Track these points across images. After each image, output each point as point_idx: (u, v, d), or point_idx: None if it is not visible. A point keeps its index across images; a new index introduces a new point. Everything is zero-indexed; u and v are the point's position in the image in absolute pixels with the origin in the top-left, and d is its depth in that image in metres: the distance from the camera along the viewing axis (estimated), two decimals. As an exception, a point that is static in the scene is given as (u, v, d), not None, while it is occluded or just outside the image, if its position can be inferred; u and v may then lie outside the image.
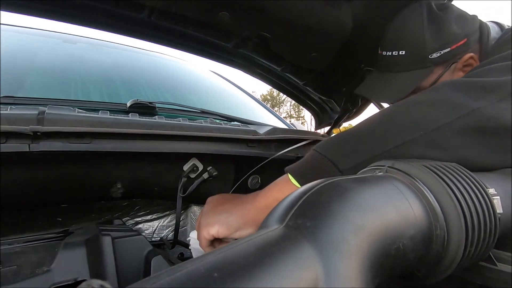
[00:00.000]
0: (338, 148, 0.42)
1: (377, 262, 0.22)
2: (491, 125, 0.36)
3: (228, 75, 1.63)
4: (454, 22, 0.63)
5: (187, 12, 0.72)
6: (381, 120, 0.42)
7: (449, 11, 0.64)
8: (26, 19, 0.74)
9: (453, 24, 0.62)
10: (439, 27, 0.62)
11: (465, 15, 0.65)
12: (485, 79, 0.40)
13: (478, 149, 0.37)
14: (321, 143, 0.45)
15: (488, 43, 0.62)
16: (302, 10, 0.74)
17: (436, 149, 0.36)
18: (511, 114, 0.36)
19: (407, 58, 0.65)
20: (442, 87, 0.41)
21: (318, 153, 0.43)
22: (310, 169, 0.43)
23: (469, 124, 0.36)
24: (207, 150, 0.64)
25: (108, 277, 0.45)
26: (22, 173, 0.53)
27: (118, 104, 0.79)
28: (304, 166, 0.44)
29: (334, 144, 0.43)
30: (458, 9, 0.66)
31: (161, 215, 0.76)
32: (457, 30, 0.62)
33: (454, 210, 0.27)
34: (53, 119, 0.48)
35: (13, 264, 0.43)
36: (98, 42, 1.27)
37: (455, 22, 0.63)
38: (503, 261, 0.34)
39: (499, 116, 0.36)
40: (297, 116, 32.03)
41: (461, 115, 0.36)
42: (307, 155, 0.45)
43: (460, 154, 0.37)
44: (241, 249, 0.18)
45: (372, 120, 0.43)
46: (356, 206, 0.23)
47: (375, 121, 0.42)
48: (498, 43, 0.61)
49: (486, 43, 0.62)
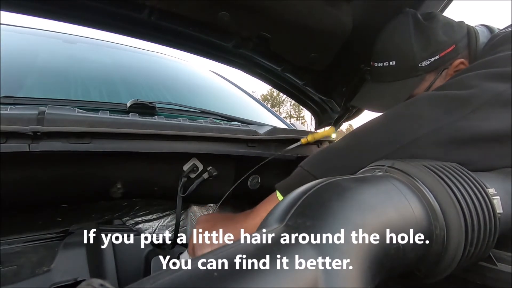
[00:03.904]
0: (322, 165, 0.46)
1: (377, 261, 0.22)
2: (465, 136, 0.39)
3: (228, 75, 1.63)
4: (440, 30, 0.64)
5: (187, 12, 0.72)
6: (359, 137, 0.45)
7: (434, 20, 0.66)
8: (26, 19, 0.74)
9: (440, 32, 0.64)
10: (426, 36, 0.64)
11: (451, 23, 0.66)
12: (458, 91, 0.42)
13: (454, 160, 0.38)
14: (307, 160, 0.49)
15: (477, 48, 0.64)
16: (302, 10, 0.74)
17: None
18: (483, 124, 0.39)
19: (398, 67, 0.67)
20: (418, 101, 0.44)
21: (304, 170, 0.46)
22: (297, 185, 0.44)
23: (444, 136, 0.39)
24: (207, 150, 0.64)
25: (108, 277, 0.45)
26: (22, 173, 0.53)
27: (118, 104, 0.79)
28: (291, 182, 0.47)
29: (318, 160, 0.47)
30: (444, 17, 0.68)
31: (161, 215, 0.76)
32: (444, 38, 0.64)
33: (454, 210, 0.27)
34: (53, 119, 0.48)
35: (13, 264, 0.43)
36: (98, 42, 1.26)
37: (441, 30, 0.64)
38: (503, 261, 0.34)
39: (472, 127, 0.39)
40: (297, 116, 32.03)
41: (435, 127, 0.39)
42: (294, 171, 0.49)
43: None
44: (241, 248, 0.18)
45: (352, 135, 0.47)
46: (356, 205, 0.23)
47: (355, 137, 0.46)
48: (485, 48, 0.62)
49: (474, 48, 0.64)
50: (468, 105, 0.40)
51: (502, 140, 0.40)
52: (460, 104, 0.40)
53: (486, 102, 0.40)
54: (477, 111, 0.39)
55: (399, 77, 0.68)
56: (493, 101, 0.40)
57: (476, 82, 0.42)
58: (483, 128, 0.38)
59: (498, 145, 0.40)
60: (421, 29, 0.65)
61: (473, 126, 0.39)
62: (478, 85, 0.41)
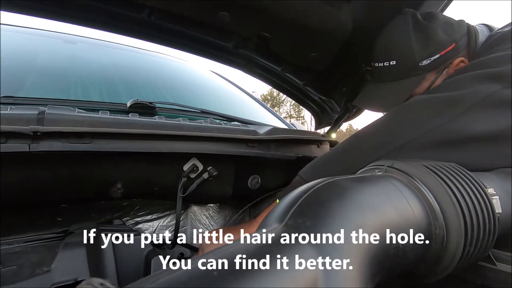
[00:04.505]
0: (317, 173, 0.49)
1: (377, 261, 0.22)
2: (456, 138, 0.40)
3: (228, 75, 1.63)
4: (440, 29, 0.65)
5: (187, 12, 0.72)
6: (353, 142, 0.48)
7: (434, 19, 0.66)
8: (26, 19, 0.74)
9: (440, 31, 0.64)
10: (426, 35, 0.64)
11: (451, 21, 0.67)
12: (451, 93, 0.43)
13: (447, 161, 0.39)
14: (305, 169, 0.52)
15: (477, 46, 0.64)
16: (302, 10, 0.74)
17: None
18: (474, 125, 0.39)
19: (399, 67, 0.67)
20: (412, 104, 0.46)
21: (301, 178, 0.50)
22: None
23: (436, 138, 0.40)
24: (207, 150, 0.64)
25: (108, 277, 0.45)
26: (22, 173, 0.53)
27: (118, 104, 0.79)
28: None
29: (313, 169, 0.51)
30: (443, 16, 0.68)
31: (161, 215, 0.76)
32: (444, 37, 0.64)
33: (453, 210, 0.27)
34: (53, 119, 0.48)
35: (13, 264, 0.43)
36: (98, 42, 1.26)
37: (441, 29, 0.65)
38: (502, 261, 0.34)
39: (463, 128, 0.39)
40: (297, 116, 32.01)
41: (427, 129, 0.40)
42: (294, 181, 0.52)
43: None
44: (241, 248, 0.18)
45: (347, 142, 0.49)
46: (355, 205, 0.23)
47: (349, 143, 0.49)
48: (482, 48, 0.63)
49: (474, 47, 0.64)
50: (459, 106, 0.40)
51: (495, 141, 0.40)
52: (452, 106, 0.41)
53: (478, 104, 0.40)
54: (468, 112, 0.40)
55: (399, 76, 0.68)
56: (485, 103, 0.40)
57: (468, 83, 0.43)
58: (474, 129, 0.39)
59: (491, 146, 0.40)
60: (420, 28, 0.65)
61: (464, 127, 0.39)
62: (470, 86, 0.42)
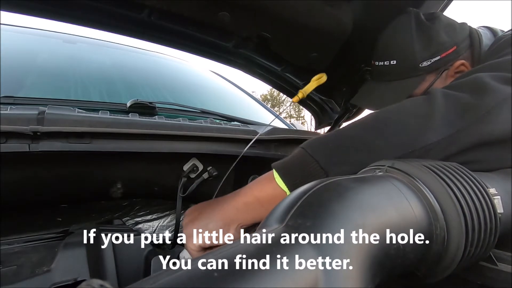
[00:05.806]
0: (330, 154, 0.41)
1: (377, 261, 0.22)
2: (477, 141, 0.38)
3: (228, 75, 1.63)
4: (442, 31, 0.64)
5: (187, 12, 0.72)
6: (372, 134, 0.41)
7: (437, 20, 0.66)
8: (26, 19, 0.74)
9: (442, 33, 0.64)
10: (428, 37, 0.64)
11: (453, 24, 0.66)
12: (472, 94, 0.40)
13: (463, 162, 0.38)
14: (311, 143, 0.43)
15: (481, 49, 0.63)
16: (302, 10, 0.74)
17: None
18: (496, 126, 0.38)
19: (399, 67, 0.67)
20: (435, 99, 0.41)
21: (309, 155, 0.41)
22: (298, 170, 0.42)
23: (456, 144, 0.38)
24: (207, 150, 0.64)
25: (108, 277, 0.45)
26: (22, 173, 0.53)
27: (118, 104, 0.79)
28: (292, 165, 0.43)
29: (325, 149, 0.41)
30: (446, 18, 0.67)
31: (161, 215, 0.76)
32: (446, 39, 0.64)
33: (454, 210, 0.27)
34: (53, 119, 0.48)
35: (13, 264, 0.43)
36: (98, 42, 1.26)
37: (443, 31, 0.64)
38: (503, 261, 0.34)
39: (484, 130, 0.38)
40: (297, 116, 32.01)
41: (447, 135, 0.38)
42: (295, 153, 0.44)
43: None
44: (241, 249, 0.18)
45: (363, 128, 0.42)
46: (356, 205, 0.23)
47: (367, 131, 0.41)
48: (490, 50, 0.62)
49: (478, 50, 0.64)
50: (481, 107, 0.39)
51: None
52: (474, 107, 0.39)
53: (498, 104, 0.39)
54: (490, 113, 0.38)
55: (399, 76, 0.68)
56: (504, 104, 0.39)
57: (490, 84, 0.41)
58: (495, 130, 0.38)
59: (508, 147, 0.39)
60: (423, 29, 0.65)
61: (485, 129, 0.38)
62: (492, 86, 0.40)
